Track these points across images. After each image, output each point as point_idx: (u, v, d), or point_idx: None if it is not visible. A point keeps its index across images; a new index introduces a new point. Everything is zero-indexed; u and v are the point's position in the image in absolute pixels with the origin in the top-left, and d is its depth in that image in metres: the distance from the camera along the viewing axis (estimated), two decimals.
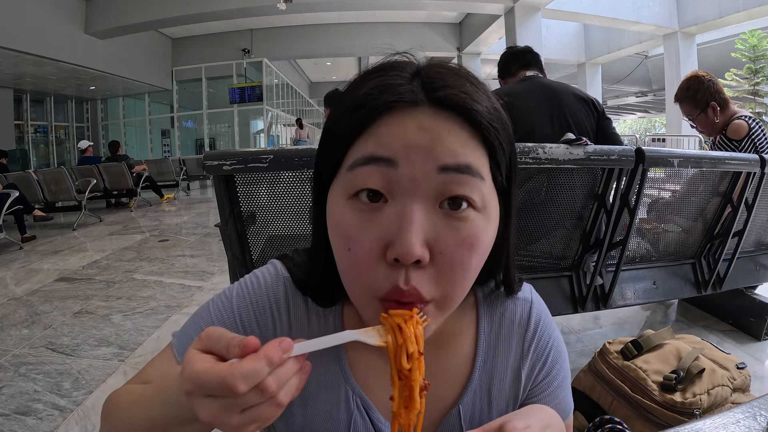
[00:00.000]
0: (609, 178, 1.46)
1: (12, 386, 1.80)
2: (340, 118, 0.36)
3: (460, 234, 0.34)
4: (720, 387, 1.05)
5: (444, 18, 11.84)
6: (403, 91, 0.34)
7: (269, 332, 0.43)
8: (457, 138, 0.33)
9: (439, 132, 0.33)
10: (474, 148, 0.34)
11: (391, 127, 0.33)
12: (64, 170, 5.93)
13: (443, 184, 0.33)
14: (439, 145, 0.33)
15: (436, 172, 0.33)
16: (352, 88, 0.37)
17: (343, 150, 0.35)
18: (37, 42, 7.50)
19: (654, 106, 18.58)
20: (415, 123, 0.33)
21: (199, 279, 3.18)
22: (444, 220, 0.34)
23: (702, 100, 1.95)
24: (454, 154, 0.33)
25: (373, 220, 0.34)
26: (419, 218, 0.32)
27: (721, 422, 0.47)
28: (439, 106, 0.34)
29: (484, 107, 0.35)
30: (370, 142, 0.34)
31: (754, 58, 8.99)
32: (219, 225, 1.32)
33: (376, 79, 0.36)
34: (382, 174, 0.33)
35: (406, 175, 0.33)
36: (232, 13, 8.81)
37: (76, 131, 12.47)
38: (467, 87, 0.35)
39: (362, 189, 0.34)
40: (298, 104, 16.94)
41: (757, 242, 2.00)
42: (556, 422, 0.42)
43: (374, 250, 0.33)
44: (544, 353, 0.47)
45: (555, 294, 1.61)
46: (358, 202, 0.34)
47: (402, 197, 0.33)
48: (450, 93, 0.34)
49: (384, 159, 0.33)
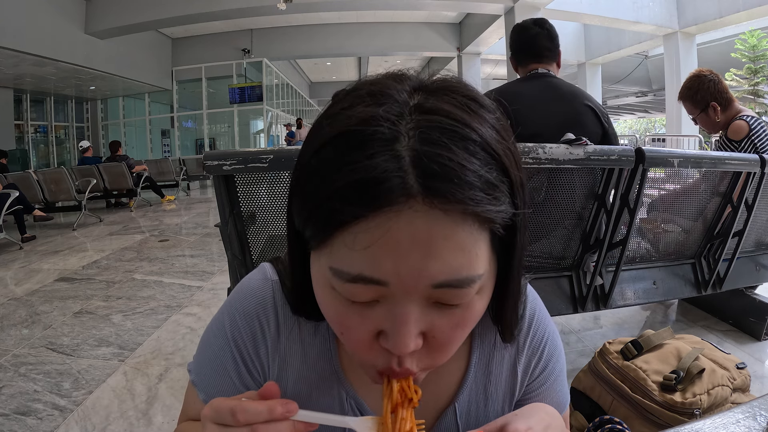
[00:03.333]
0: (609, 178, 1.46)
1: (12, 386, 1.80)
2: (317, 204, 0.30)
3: (454, 319, 0.32)
4: (720, 387, 1.05)
5: (444, 18, 11.84)
6: (392, 186, 0.27)
7: (259, 340, 0.43)
8: (455, 244, 0.29)
9: (434, 242, 0.28)
10: (474, 243, 0.30)
11: (378, 236, 0.28)
12: (64, 170, 5.93)
13: (438, 295, 0.31)
14: (434, 261, 0.28)
15: (430, 287, 0.30)
16: (331, 149, 0.30)
17: (323, 238, 0.31)
18: (37, 42, 7.50)
19: (654, 106, 18.58)
20: (407, 233, 0.28)
21: (199, 279, 3.18)
22: (438, 311, 0.32)
23: (702, 100, 1.95)
24: (450, 269, 0.29)
25: (364, 314, 0.32)
26: (413, 318, 0.31)
27: (721, 422, 0.47)
28: (435, 197, 0.27)
29: (488, 194, 0.29)
30: (356, 257, 0.29)
31: (753, 58, 9.00)
32: (219, 225, 1.32)
33: (357, 159, 0.28)
34: (371, 289, 0.30)
35: (399, 290, 0.30)
36: (232, 13, 8.81)
37: (76, 131, 12.47)
38: (470, 166, 0.28)
39: (351, 299, 0.32)
40: (298, 104, 16.95)
41: (757, 242, 2.00)
42: (557, 421, 0.42)
43: (367, 336, 0.33)
44: (540, 347, 0.47)
45: (555, 294, 1.61)
46: (346, 300, 0.32)
47: (394, 302, 0.31)
48: (451, 188, 0.27)
49: (374, 280, 0.29)
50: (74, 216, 5.70)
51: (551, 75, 1.60)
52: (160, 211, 6.65)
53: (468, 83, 0.34)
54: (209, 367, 0.44)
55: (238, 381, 0.43)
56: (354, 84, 0.34)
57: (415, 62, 16.37)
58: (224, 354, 0.43)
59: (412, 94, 0.31)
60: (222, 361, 0.43)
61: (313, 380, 0.43)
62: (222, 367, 0.43)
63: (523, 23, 1.66)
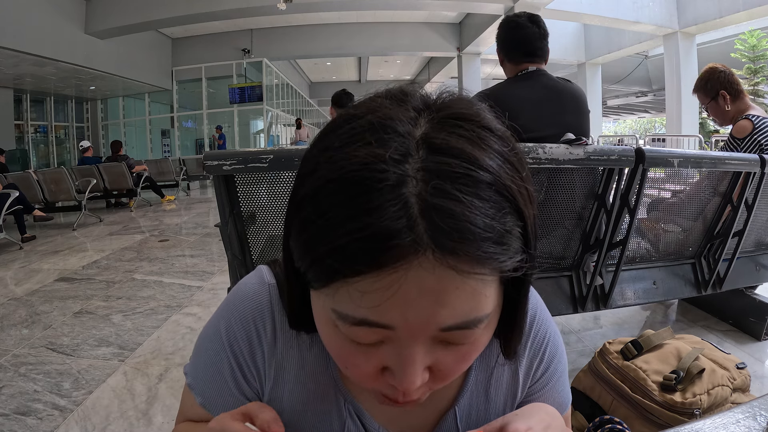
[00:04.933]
0: (609, 178, 1.46)
1: (12, 386, 1.80)
2: (317, 249, 0.28)
3: (459, 353, 0.32)
4: (720, 387, 1.05)
5: (444, 18, 11.85)
6: (402, 243, 0.26)
7: (255, 346, 0.42)
8: (464, 294, 0.28)
9: (444, 294, 0.27)
10: (483, 288, 0.28)
11: (386, 289, 0.27)
12: (64, 170, 5.93)
13: (446, 336, 0.30)
14: (443, 308, 0.28)
15: (437, 331, 0.29)
16: (324, 206, 0.28)
17: (325, 282, 0.29)
18: (37, 42, 7.50)
19: (654, 106, 18.59)
20: (415, 286, 0.27)
21: (199, 279, 3.18)
22: (444, 348, 0.31)
23: (712, 88, 2.04)
24: (458, 314, 0.28)
25: (369, 353, 0.31)
26: (420, 358, 0.30)
27: (721, 422, 0.47)
28: (445, 254, 0.26)
29: (500, 246, 0.27)
30: (362, 304, 0.28)
31: (753, 58, 9.00)
32: (219, 225, 1.32)
33: (357, 216, 0.26)
34: (376, 332, 0.29)
35: (405, 335, 0.29)
36: (232, 13, 8.82)
37: (76, 131, 12.47)
38: (482, 219, 0.26)
39: (355, 341, 0.31)
40: (298, 104, 16.94)
41: (757, 242, 2.00)
42: (557, 421, 0.42)
43: (372, 372, 0.32)
44: (541, 349, 0.46)
45: (555, 294, 1.61)
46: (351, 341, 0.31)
47: (399, 344, 0.30)
48: (464, 246, 0.26)
49: (380, 325, 0.28)
50: (74, 216, 5.70)
51: (544, 73, 1.58)
52: (160, 211, 6.65)
53: (479, 107, 0.32)
54: (205, 371, 0.44)
55: (234, 386, 0.43)
56: (351, 109, 0.32)
57: (415, 62, 16.37)
58: (220, 359, 0.43)
59: (417, 121, 0.29)
60: (218, 365, 0.43)
61: (310, 386, 0.43)
62: (218, 372, 0.43)
63: (516, 19, 1.62)
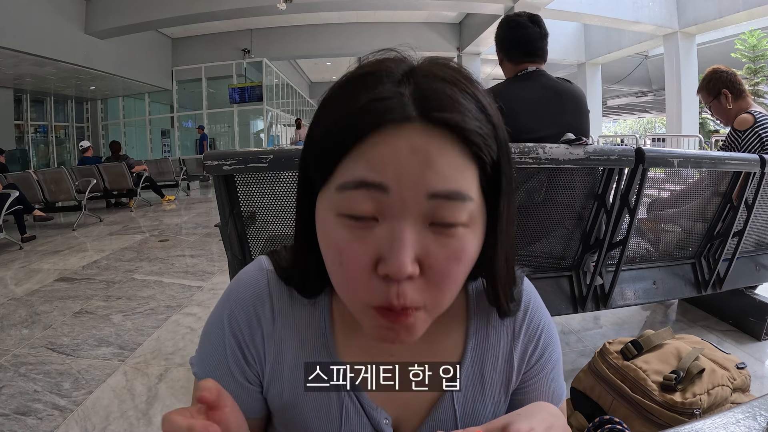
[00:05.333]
0: (609, 178, 1.46)
1: (12, 386, 1.80)
2: (329, 131, 0.35)
3: (448, 249, 0.34)
4: (720, 387, 1.05)
5: (444, 18, 11.85)
6: (393, 106, 0.33)
7: (255, 327, 0.45)
8: (448, 160, 0.33)
9: (430, 153, 0.32)
10: (464, 167, 0.34)
11: (382, 147, 0.33)
12: (64, 170, 5.93)
13: (433, 209, 0.33)
14: (430, 169, 0.32)
15: (426, 197, 0.33)
16: (341, 94, 0.36)
17: (333, 165, 0.35)
18: (37, 42, 7.50)
19: (654, 106, 18.58)
20: (406, 144, 0.32)
21: (199, 279, 3.18)
22: (433, 237, 0.34)
23: (714, 87, 2.08)
24: (445, 179, 0.33)
25: (364, 238, 0.34)
26: (410, 237, 0.33)
27: (721, 422, 0.47)
28: (431, 123, 0.33)
29: (477, 123, 0.34)
30: (361, 165, 0.33)
31: (753, 58, 9.00)
32: (219, 225, 1.32)
33: (364, 91, 0.34)
34: (372, 198, 0.33)
35: (397, 200, 0.33)
36: (232, 13, 8.82)
37: (76, 131, 12.47)
38: (461, 101, 0.34)
39: (353, 213, 0.34)
40: (298, 104, 16.95)
41: (757, 242, 2.00)
42: (560, 421, 0.42)
43: (366, 265, 0.34)
44: (536, 335, 0.48)
45: (555, 294, 1.61)
46: (348, 220, 0.34)
47: (393, 218, 0.33)
48: (444, 115, 0.33)
49: (375, 184, 0.33)
50: (74, 216, 5.70)
51: (544, 73, 1.58)
52: (160, 211, 6.65)
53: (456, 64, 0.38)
54: (209, 359, 0.46)
55: (237, 370, 0.45)
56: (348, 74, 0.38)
57: None
58: (222, 345, 0.45)
59: (411, 64, 0.37)
60: (220, 351, 0.45)
61: None
62: (221, 358, 0.45)
63: (516, 19, 1.62)
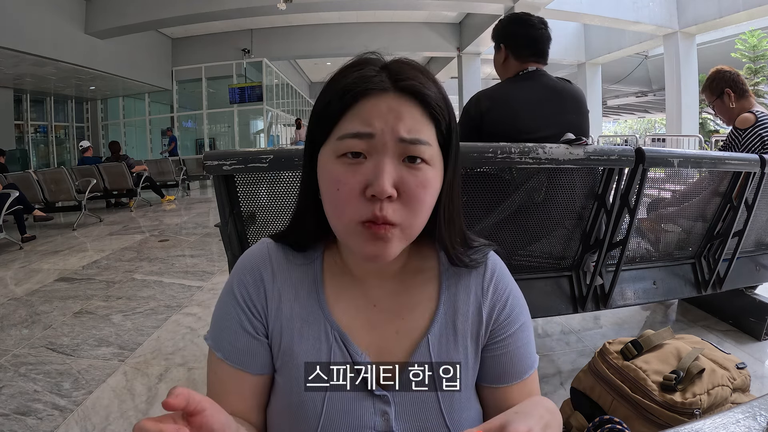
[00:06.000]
0: (609, 178, 1.46)
1: (12, 386, 1.80)
2: (331, 100, 0.48)
3: (417, 178, 0.47)
4: (720, 387, 1.05)
5: (444, 18, 11.84)
6: (376, 81, 0.47)
7: (259, 285, 0.54)
8: (413, 117, 0.47)
9: (401, 112, 0.47)
10: (425, 123, 0.48)
11: (369, 107, 0.47)
12: (64, 170, 5.93)
13: (404, 149, 0.46)
14: (401, 122, 0.46)
15: (399, 141, 0.46)
16: (338, 77, 0.50)
17: (334, 123, 0.48)
18: (37, 42, 7.50)
19: (654, 106, 18.57)
20: (385, 105, 0.47)
21: (199, 279, 3.18)
22: (406, 170, 0.47)
23: (717, 87, 2.10)
24: (410, 130, 0.46)
25: (356, 170, 0.46)
26: (389, 168, 0.45)
27: (721, 422, 0.47)
28: (401, 92, 0.47)
29: (433, 92, 0.48)
30: (356, 121, 0.47)
31: (753, 58, 9.00)
32: (219, 225, 1.32)
33: (355, 72, 0.48)
34: (363, 142, 0.46)
35: (380, 143, 0.46)
36: (232, 13, 8.81)
37: (76, 131, 12.46)
38: (421, 78, 0.48)
39: (349, 152, 0.46)
40: (298, 104, 16.94)
41: (757, 242, 2.00)
42: (556, 418, 0.45)
43: (357, 189, 0.46)
44: (503, 296, 0.56)
45: (555, 294, 1.61)
46: (345, 158, 0.47)
47: (377, 155, 0.46)
48: (410, 83, 0.47)
49: (365, 134, 0.46)
50: (74, 216, 5.70)
51: (544, 73, 1.57)
52: (160, 211, 6.65)
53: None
54: (220, 326, 0.54)
55: (248, 325, 0.53)
56: None
57: None
58: (232, 310, 0.53)
59: (387, 60, 0.51)
60: (230, 317, 0.53)
61: (303, 316, 0.53)
62: (235, 315, 0.53)
63: (527, 18, 1.61)
